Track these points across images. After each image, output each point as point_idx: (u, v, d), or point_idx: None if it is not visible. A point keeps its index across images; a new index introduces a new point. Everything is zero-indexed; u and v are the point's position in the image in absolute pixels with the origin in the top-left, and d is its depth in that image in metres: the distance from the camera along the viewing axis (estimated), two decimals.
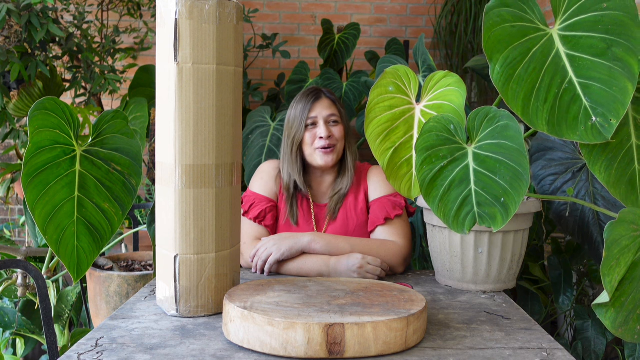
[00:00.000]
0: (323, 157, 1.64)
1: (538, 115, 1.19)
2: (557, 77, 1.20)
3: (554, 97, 1.19)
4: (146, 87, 2.63)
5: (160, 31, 1.18)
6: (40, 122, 1.30)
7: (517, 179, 1.21)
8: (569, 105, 1.18)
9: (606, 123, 1.14)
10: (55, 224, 1.32)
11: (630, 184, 1.25)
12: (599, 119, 1.15)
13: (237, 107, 1.23)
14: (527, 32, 1.22)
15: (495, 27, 1.20)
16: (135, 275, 1.81)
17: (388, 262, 1.53)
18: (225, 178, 1.20)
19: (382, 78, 1.49)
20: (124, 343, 1.04)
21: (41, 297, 1.56)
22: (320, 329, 0.96)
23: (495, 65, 1.20)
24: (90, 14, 2.74)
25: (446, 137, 1.30)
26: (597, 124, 1.15)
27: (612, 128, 1.14)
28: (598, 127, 1.15)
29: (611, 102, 1.15)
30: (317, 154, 1.64)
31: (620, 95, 1.14)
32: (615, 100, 1.14)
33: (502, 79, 1.20)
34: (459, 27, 3.32)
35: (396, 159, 1.48)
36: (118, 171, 1.42)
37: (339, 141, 1.65)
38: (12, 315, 2.12)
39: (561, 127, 1.18)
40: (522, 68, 1.20)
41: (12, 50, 2.11)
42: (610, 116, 1.14)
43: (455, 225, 1.27)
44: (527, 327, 1.17)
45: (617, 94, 1.14)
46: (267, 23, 3.47)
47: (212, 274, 1.19)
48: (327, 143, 1.62)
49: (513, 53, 1.20)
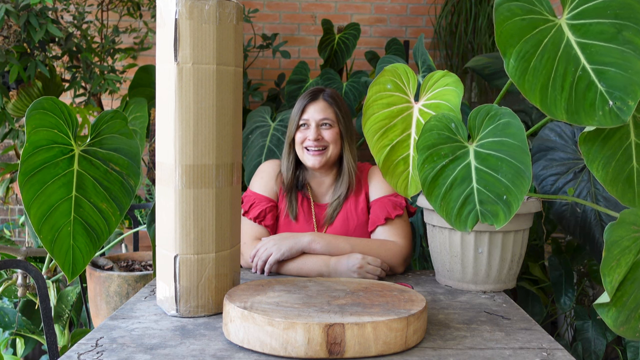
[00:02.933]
0: (311, 158, 1.65)
1: (557, 104, 1.18)
2: (571, 65, 1.20)
3: (570, 85, 1.19)
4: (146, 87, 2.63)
5: (160, 31, 1.18)
6: (37, 121, 1.29)
7: (519, 176, 1.21)
8: (584, 92, 1.18)
9: (624, 106, 1.14)
10: (50, 223, 1.31)
11: (627, 181, 1.25)
12: (617, 102, 1.15)
13: (237, 107, 1.23)
14: (537, 24, 1.22)
15: (506, 22, 1.20)
16: (135, 275, 1.81)
17: (388, 262, 1.53)
18: (225, 178, 1.20)
19: (381, 75, 1.49)
20: (124, 343, 1.04)
21: (41, 297, 1.55)
22: (320, 329, 0.96)
23: (509, 59, 1.20)
24: (90, 14, 2.74)
25: (447, 136, 1.30)
26: (614, 108, 1.15)
27: (630, 110, 1.14)
28: (615, 110, 1.15)
29: (627, 84, 1.15)
30: (305, 154, 1.66)
31: (636, 76, 1.14)
32: (631, 82, 1.14)
33: (517, 72, 1.19)
34: (459, 27, 3.32)
35: (393, 157, 1.48)
36: (116, 171, 1.41)
37: (329, 144, 1.65)
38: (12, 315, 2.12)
39: (579, 114, 1.17)
40: (536, 59, 1.20)
41: (11, 50, 2.11)
42: (628, 98, 1.14)
43: (457, 223, 1.27)
44: (527, 327, 1.17)
45: (633, 75, 1.14)
46: (267, 23, 3.47)
47: (212, 274, 1.19)
48: (314, 145, 1.63)
49: (525, 46, 1.20)
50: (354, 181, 1.68)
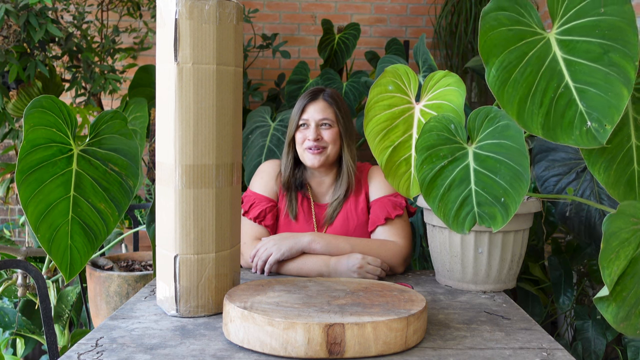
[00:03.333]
0: (310, 157, 1.65)
1: (533, 119, 1.18)
2: (554, 81, 1.19)
3: (550, 101, 1.18)
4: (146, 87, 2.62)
5: (160, 31, 1.18)
6: (36, 119, 1.29)
7: (517, 179, 1.21)
8: (564, 110, 1.18)
9: (601, 128, 1.14)
10: (48, 222, 1.31)
11: (629, 184, 1.25)
12: (594, 124, 1.15)
13: (237, 107, 1.23)
14: (523, 36, 1.22)
15: (491, 31, 1.20)
16: (135, 275, 1.81)
17: (388, 262, 1.53)
18: (225, 178, 1.20)
19: (382, 77, 1.49)
20: (124, 343, 1.04)
21: (41, 297, 1.55)
22: (320, 329, 0.96)
23: (491, 68, 1.19)
24: (90, 14, 2.74)
25: (447, 137, 1.30)
26: (592, 129, 1.15)
27: (606, 133, 1.13)
28: (593, 132, 1.15)
29: (606, 107, 1.14)
30: (305, 154, 1.66)
31: (615, 100, 1.14)
32: (610, 105, 1.14)
33: (497, 83, 1.19)
34: (459, 27, 3.32)
35: (395, 158, 1.48)
36: (115, 172, 1.41)
37: (329, 144, 1.65)
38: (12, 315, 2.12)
39: (556, 131, 1.17)
40: (518, 72, 1.20)
41: (10, 50, 2.11)
42: (605, 121, 1.14)
43: (455, 225, 1.27)
44: (527, 327, 1.17)
45: (612, 99, 1.14)
46: (267, 23, 3.47)
47: (212, 274, 1.19)
48: (314, 145, 1.63)
49: (509, 57, 1.20)
50: (353, 181, 1.68)
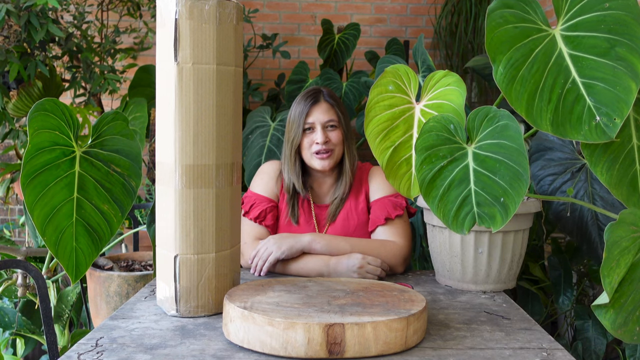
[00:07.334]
0: (320, 162, 1.63)
1: (542, 115, 1.19)
2: (560, 77, 1.20)
3: (558, 97, 1.19)
4: (146, 87, 2.63)
5: (160, 31, 1.18)
6: (39, 123, 1.30)
7: (516, 179, 1.21)
8: (572, 105, 1.18)
9: (610, 122, 1.14)
10: (53, 225, 1.32)
11: (632, 185, 1.24)
12: (603, 118, 1.15)
13: (237, 107, 1.23)
14: (529, 33, 1.22)
15: (497, 29, 1.20)
16: (135, 275, 1.81)
17: (388, 262, 1.53)
18: (225, 178, 1.20)
19: (382, 77, 1.49)
20: (124, 343, 1.04)
21: (41, 297, 1.56)
22: (320, 329, 0.96)
23: (498, 66, 1.20)
24: (90, 14, 2.74)
25: (446, 137, 1.30)
26: (601, 124, 1.15)
27: (616, 127, 1.14)
28: (602, 126, 1.15)
29: (615, 101, 1.15)
30: (314, 159, 1.64)
31: (624, 94, 1.14)
32: (619, 99, 1.15)
33: (505, 80, 1.20)
34: (459, 27, 3.32)
35: (395, 158, 1.48)
36: (118, 173, 1.41)
37: (336, 146, 1.64)
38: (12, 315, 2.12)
39: (565, 127, 1.18)
40: (525, 69, 1.20)
41: (11, 50, 2.11)
42: (615, 115, 1.14)
43: (454, 225, 1.27)
44: (527, 327, 1.17)
45: (621, 93, 1.15)
46: (267, 23, 3.47)
47: (212, 274, 1.19)
48: (323, 148, 1.62)
49: (516, 54, 1.20)
50: (353, 181, 1.68)
